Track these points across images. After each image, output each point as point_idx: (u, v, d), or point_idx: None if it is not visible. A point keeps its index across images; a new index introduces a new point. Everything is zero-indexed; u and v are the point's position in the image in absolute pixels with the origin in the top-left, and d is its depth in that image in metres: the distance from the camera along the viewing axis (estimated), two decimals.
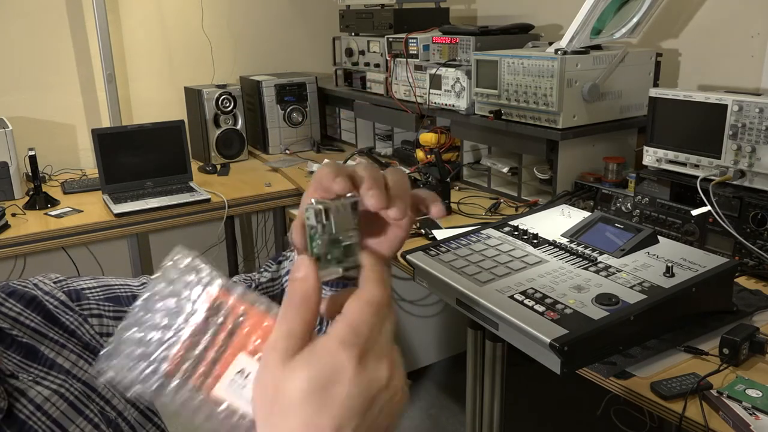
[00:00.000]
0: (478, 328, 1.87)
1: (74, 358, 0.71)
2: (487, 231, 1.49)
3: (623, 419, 2.45)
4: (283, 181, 2.70)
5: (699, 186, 1.56)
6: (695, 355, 1.20)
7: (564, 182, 2.04)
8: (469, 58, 2.27)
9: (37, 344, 0.69)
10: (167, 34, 3.16)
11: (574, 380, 1.23)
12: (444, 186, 2.08)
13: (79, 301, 0.75)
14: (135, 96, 3.14)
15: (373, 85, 2.87)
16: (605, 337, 1.10)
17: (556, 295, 1.16)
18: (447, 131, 2.47)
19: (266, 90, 3.03)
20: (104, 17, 2.86)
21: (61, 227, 2.24)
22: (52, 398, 0.66)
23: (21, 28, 2.80)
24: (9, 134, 2.44)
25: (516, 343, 1.18)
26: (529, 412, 2.66)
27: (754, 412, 1.02)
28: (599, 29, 2.02)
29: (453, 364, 2.97)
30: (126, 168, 2.55)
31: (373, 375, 0.44)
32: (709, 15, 2.13)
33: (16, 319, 0.70)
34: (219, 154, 2.96)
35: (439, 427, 2.64)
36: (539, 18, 2.62)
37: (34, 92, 2.88)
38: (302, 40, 3.50)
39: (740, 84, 2.04)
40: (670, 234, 1.69)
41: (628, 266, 1.25)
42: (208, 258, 0.49)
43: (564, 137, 1.97)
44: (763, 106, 1.50)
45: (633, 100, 2.10)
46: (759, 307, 1.34)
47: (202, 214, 2.48)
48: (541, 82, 1.97)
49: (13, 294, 0.72)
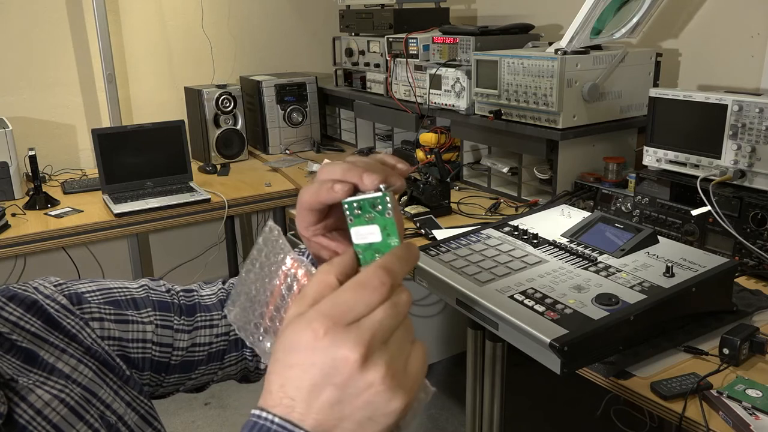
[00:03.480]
0: (478, 328, 1.87)
1: (74, 362, 0.70)
2: (487, 231, 1.49)
3: (623, 419, 2.45)
4: (283, 181, 2.70)
5: (699, 186, 1.56)
6: (695, 355, 1.19)
7: (564, 182, 2.04)
8: (469, 58, 2.27)
9: (37, 349, 0.69)
10: (167, 34, 3.16)
11: (574, 380, 1.24)
12: (444, 186, 2.08)
13: (80, 305, 0.75)
14: (135, 96, 3.14)
15: (373, 85, 2.87)
16: (605, 337, 1.10)
17: (556, 295, 1.16)
18: (447, 131, 2.47)
19: (266, 90, 3.03)
20: (104, 17, 2.86)
21: (61, 227, 2.24)
22: (53, 403, 0.66)
23: (21, 28, 2.80)
24: (9, 134, 2.44)
25: (516, 343, 1.18)
26: (529, 412, 2.66)
27: (754, 412, 1.02)
28: (599, 29, 2.02)
29: (453, 364, 2.97)
30: (126, 168, 2.55)
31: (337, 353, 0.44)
32: (709, 15, 2.13)
33: (16, 324, 0.69)
34: (219, 154, 2.96)
35: (439, 427, 2.64)
36: (539, 18, 2.62)
37: (34, 92, 2.88)
38: (302, 40, 3.50)
39: (740, 84, 2.04)
40: (670, 234, 1.69)
41: (628, 266, 1.25)
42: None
43: (564, 137, 1.97)
44: (763, 106, 1.50)
45: (633, 100, 2.10)
46: (759, 307, 1.34)
47: (202, 214, 2.48)
48: (541, 82, 1.97)
49: (14, 298, 0.71)
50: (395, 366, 0.46)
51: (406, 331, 0.48)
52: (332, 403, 0.45)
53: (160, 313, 0.80)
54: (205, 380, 0.85)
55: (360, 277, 0.47)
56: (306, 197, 0.57)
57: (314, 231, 0.61)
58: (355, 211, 0.52)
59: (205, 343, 0.82)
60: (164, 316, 0.80)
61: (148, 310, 0.79)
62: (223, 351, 0.83)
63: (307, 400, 0.45)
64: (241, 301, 0.59)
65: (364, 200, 0.52)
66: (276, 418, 0.46)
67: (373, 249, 0.52)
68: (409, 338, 0.48)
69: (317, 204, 0.57)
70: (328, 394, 0.45)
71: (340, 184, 0.53)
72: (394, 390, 0.45)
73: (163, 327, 0.79)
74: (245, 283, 0.59)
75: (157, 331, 0.79)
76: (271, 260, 0.57)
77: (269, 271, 0.57)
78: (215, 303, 0.84)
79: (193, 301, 0.83)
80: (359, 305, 0.46)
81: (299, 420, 0.45)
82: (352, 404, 0.45)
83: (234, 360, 0.85)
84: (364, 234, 0.52)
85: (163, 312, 0.80)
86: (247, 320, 0.58)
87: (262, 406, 0.47)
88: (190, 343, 0.81)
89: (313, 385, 0.45)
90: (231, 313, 0.60)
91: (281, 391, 0.46)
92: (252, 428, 0.46)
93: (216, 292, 0.86)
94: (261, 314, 0.57)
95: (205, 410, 2.76)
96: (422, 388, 0.50)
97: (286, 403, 0.45)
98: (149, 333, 0.78)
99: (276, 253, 0.57)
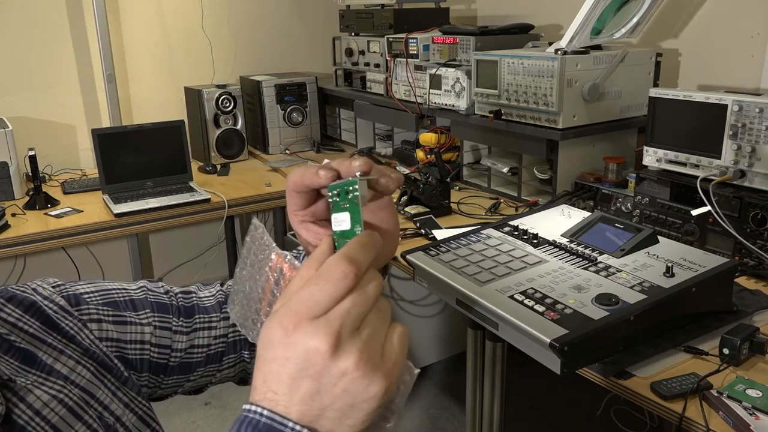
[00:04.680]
0: (478, 328, 1.87)
1: (72, 363, 0.70)
2: (487, 231, 1.49)
3: (623, 419, 2.45)
4: (283, 181, 2.70)
5: (699, 186, 1.56)
6: (695, 355, 1.19)
7: (564, 182, 2.04)
8: (469, 58, 2.27)
9: (36, 350, 0.69)
10: (167, 34, 3.16)
11: (574, 380, 1.23)
12: (444, 186, 2.07)
13: (78, 306, 0.75)
14: (135, 96, 3.14)
15: (373, 85, 2.87)
16: (605, 337, 1.10)
17: (556, 295, 1.16)
18: (447, 131, 2.47)
19: (266, 90, 3.03)
20: (104, 17, 2.86)
21: (61, 227, 2.24)
22: (51, 403, 0.66)
23: (21, 28, 2.80)
24: (9, 134, 2.44)
25: (516, 343, 1.18)
26: (529, 412, 2.66)
27: (754, 412, 1.02)
28: (599, 29, 2.02)
29: (453, 364, 2.97)
30: (126, 168, 2.55)
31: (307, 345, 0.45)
32: (709, 15, 2.13)
33: (14, 325, 0.69)
34: (219, 154, 2.96)
35: (439, 427, 2.64)
36: (539, 18, 2.62)
37: (34, 92, 2.88)
38: (302, 40, 3.50)
39: (740, 84, 2.04)
40: (670, 234, 1.69)
41: (628, 266, 1.25)
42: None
43: (564, 137, 1.97)
44: (763, 106, 1.50)
45: (633, 100, 2.10)
46: (759, 307, 1.34)
47: (202, 214, 2.48)
48: (541, 82, 1.97)
49: (13, 299, 0.71)
50: (369, 351, 0.46)
51: (380, 315, 0.49)
52: (312, 394, 0.46)
53: (159, 314, 0.80)
54: (203, 382, 0.85)
55: (322, 270, 0.48)
56: (293, 178, 0.58)
57: (302, 216, 0.61)
58: (335, 197, 0.53)
59: (203, 345, 0.82)
60: (163, 318, 0.80)
61: (146, 312, 0.79)
62: (222, 353, 0.83)
63: (289, 393, 0.46)
64: (239, 299, 0.60)
65: (341, 185, 0.53)
66: (264, 410, 0.47)
67: (344, 237, 0.53)
68: (384, 322, 0.49)
69: (302, 186, 0.58)
70: (306, 386, 0.46)
71: (325, 170, 0.54)
72: (370, 375, 0.46)
73: (161, 328, 0.79)
74: (240, 282, 0.61)
75: (156, 333, 0.79)
76: (259, 257, 0.58)
77: (259, 268, 0.59)
78: (214, 305, 0.84)
79: (192, 302, 0.83)
80: (324, 297, 0.47)
81: (285, 412, 0.46)
82: (331, 393, 0.46)
83: (232, 362, 0.85)
84: (339, 221, 0.53)
85: (162, 313, 0.80)
86: (245, 317, 0.60)
87: (251, 401, 0.48)
88: (189, 344, 0.81)
89: (291, 378, 0.46)
90: (232, 311, 0.62)
91: (265, 386, 0.47)
92: (242, 422, 0.47)
93: (215, 293, 0.86)
94: (256, 310, 0.59)
95: (205, 410, 2.76)
96: (406, 370, 0.51)
97: (270, 397, 0.47)
98: (147, 334, 0.78)
99: (262, 250, 0.58)
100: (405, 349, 0.49)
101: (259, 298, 0.58)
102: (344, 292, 0.47)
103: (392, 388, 0.48)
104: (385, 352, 0.48)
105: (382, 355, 0.48)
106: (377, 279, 0.49)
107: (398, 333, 0.50)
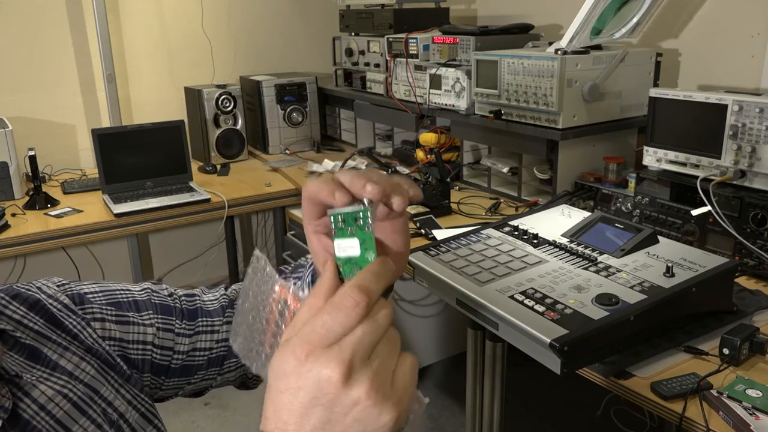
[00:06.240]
0: (478, 328, 1.87)
1: (76, 360, 0.71)
2: (487, 231, 1.49)
3: (623, 419, 2.45)
4: (283, 181, 2.70)
5: (699, 186, 1.56)
6: (695, 355, 1.19)
7: (564, 182, 2.04)
8: (469, 58, 2.27)
9: (40, 346, 0.70)
10: (167, 34, 3.16)
11: (574, 380, 1.23)
12: (444, 186, 2.07)
13: (82, 305, 0.75)
14: (135, 96, 3.14)
15: (373, 85, 2.87)
16: (605, 337, 1.10)
17: (556, 295, 1.16)
18: (447, 131, 2.47)
19: (266, 90, 3.03)
20: (104, 17, 2.86)
21: (61, 227, 2.24)
22: (56, 398, 0.66)
23: (21, 28, 2.80)
24: (9, 134, 2.44)
25: (516, 343, 1.18)
26: (529, 412, 2.65)
27: (754, 412, 1.02)
28: (599, 29, 2.02)
29: (453, 364, 2.96)
30: (126, 168, 2.55)
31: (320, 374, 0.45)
32: (709, 15, 2.13)
33: (20, 322, 0.70)
34: (219, 154, 2.96)
35: (439, 427, 2.64)
36: (539, 18, 2.62)
37: (34, 92, 2.88)
38: (302, 40, 3.50)
39: (740, 84, 2.04)
40: (670, 234, 1.69)
41: (628, 266, 1.25)
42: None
43: (564, 137, 1.97)
44: (763, 106, 1.50)
45: (633, 100, 2.10)
46: (759, 307, 1.34)
47: (202, 214, 2.48)
48: (541, 82, 1.97)
49: (17, 297, 0.72)
50: (380, 380, 0.47)
51: (390, 344, 0.49)
52: (323, 423, 0.46)
53: (162, 316, 0.80)
54: (204, 385, 0.85)
55: (335, 299, 0.48)
56: (310, 189, 0.58)
57: (316, 226, 0.61)
58: (339, 223, 0.52)
59: (205, 348, 0.82)
60: (166, 320, 0.80)
61: (149, 313, 0.79)
62: (223, 357, 0.84)
63: (300, 422, 0.46)
64: (242, 330, 0.61)
65: (347, 213, 0.52)
66: None
67: (352, 263, 0.52)
68: (394, 351, 0.49)
69: (317, 199, 0.57)
70: (318, 415, 0.46)
71: (340, 194, 0.53)
72: (381, 404, 0.46)
73: (164, 330, 0.79)
74: (243, 313, 0.61)
75: (159, 334, 0.79)
76: (262, 288, 0.59)
77: (262, 300, 0.59)
78: (217, 309, 0.85)
79: (195, 305, 0.84)
80: (336, 326, 0.47)
81: None
82: (342, 422, 0.46)
83: (233, 366, 0.85)
84: (345, 247, 0.52)
85: (165, 315, 0.80)
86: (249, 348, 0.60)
87: (262, 430, 0.48)
88: (191, 347, 0.81)
89: (303, 408, 0.46)
90: (235, 342, 0.62)
91: (276, 416, 0.47)
92: None
93: (218, 297, 0.86)
94: (261, 342, 0.59)
95: (206, 410, 2.76)
96: (415, 399, 0.51)
97: (281, 427, 0.47)
98: (150, 335, 0.78)
99: (265, 281, 0.59)
100: (415, 379, 0.50)
101: (263, 330, 0.59)
102: (356, 321, 0.47)
103: (402, 418, 0.48)
104: (395, 382, 0.48)
105: (392, 384, 0.48)
106: (387, 308, 0.49)
107: (408, 363, 0.50)
